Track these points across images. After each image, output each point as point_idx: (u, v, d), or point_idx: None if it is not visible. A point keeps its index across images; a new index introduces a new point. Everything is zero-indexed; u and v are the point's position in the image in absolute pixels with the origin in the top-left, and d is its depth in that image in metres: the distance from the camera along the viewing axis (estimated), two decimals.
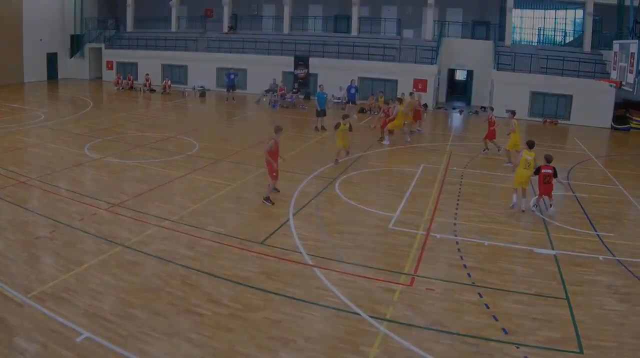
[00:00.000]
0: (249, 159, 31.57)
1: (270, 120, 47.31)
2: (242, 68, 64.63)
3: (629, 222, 25.25)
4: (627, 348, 14.21)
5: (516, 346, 14.09)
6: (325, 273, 17.84)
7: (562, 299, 16.85)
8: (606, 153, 41.83)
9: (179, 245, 19.61)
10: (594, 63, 53.89)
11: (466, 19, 66.18)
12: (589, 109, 52.24)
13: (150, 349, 13.19)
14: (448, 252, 20.24)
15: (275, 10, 71.17)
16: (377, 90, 56.99)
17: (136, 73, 68.55)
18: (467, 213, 24.71)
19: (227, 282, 16.89)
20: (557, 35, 68.86)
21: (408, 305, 16.05)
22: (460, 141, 41.80)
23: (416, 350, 13.69)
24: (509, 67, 55.49)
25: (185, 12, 75.17)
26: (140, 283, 16.52)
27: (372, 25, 67.80)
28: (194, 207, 23.51)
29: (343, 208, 24.57)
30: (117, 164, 29.82)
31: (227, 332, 14.10)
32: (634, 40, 33.36)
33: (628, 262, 19.88)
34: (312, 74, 62.10)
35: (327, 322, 15.06)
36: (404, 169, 31.37)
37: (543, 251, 20.59)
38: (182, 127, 42.05)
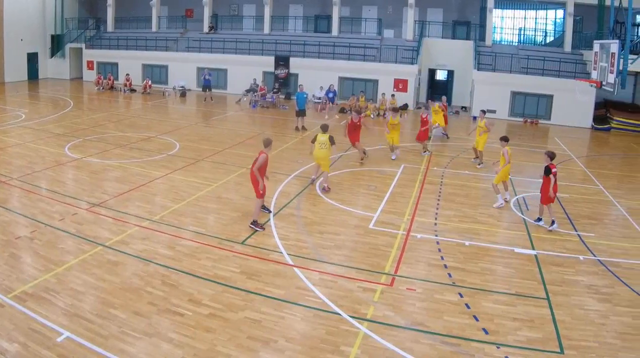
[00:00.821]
0: (229, 159, 31.55)
1: (250, 120, 47.55)
2: (223, 68, 64.91)
3: (609, 222, 25.33)
4: (608, 348, 14.28)
5: (497, 346, 14.17)
6: (306, 273, 17.88)
7: (542, 299, 16.93)
8: (587, 153, 41.96)
9: (159, 245, 19.60)
10: (575, 63, 54.17)
11: (447, 19, 66.26)
12: (569, 109, 52.41)
13: (130, 349, 13.17)
14: (429, 252, 20.27)
15: (256, 10, 71.15)
16: (358, 90, 57.05)
17: (117, 73, 68.37)
18: (447, 213, 24.79)
19: (207, 282, 16.91)
20: (538, 35, 69.13)
21: (389, 305, 16.10)
22: (440, 141, 41.83)
23: (397, 350, 13.74)
24: (489, 67, 55.69)
25: (166, 12, 75.06)
26: (121, 283, 16.50)
27: (352, 25, 67.87)
28: (175, 207, 23.52)
29: (324, 208, 24.60)
30: (98, 164, 29.72)
31: (208, 332, 14.11)
32: (614, 40, 33.45)
33: (608, 261, 19.99)
34: (293, 74, 62.14)
35: (308, 322, 15.04)
36: (384, 169, 31.39)
37: (524, 251, 20.66)
38: (163, 127, 41.95)
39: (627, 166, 38.00)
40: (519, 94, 55.41)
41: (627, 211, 26.38)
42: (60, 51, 74.40)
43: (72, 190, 25.55)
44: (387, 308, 15.94)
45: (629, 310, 16.46)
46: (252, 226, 21.43)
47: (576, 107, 51.35)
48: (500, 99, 54.51)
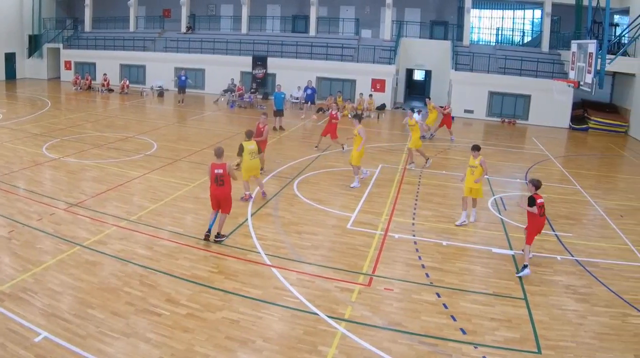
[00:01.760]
0: (207, 159, 31.15)
1: (228, 120, 47.49)
2: (200, 68, 64.70)
3: (587, 222, 25.45)
4: (585, 348, 14.34)
5: (474, 346, 14.21)
6: (284, 273, 17.86)
7: (520, 299, 17.00)
8: (564, 153, 42.12)
9: (137, 245, 19.53)
10: (552, 63, 54.40)
11: (424, 19, 66.45)
12: (547, 109, 52.62)
13: (108, 349, 13.12)
14: (406, 252, 20.30)
15: (234, 11, 71.02)
16: (336, 91, 57.04)
17: (94, 73, 67.93)
18: (425, 213, 24.85)
19: (185, 282, 16.88)
20: (516, 35, 69.50)
21: (366, 305, 16.11)
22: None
23: (374, 350, 13.76)
24: (467, 67, 55.87)
25: (144, 12, 74.79)
26: (99, 283, 16.42)
27: (330, 25, 68.01)
28: (153, 207, 23.43)
29: (301, 208, 24.59)
30: (76, 164, 29.57)
31: (186, 332, 14.08)
32: (592, 40, 33.60)
33: (586, 262, 20.08)
34: (271, 74, 62.08)
35: (286, 322, 15.03)
36: (362, 169, 31.33)
37: (501, 251, 20.73)
38: (141, 127, 41.81)
39: (604, 166, 38.20)
40: (497, 94, 55.61)
41: (604, 211, 26.49)
42: (37, 51, 73.92)
43: (50, 190, 25.43)
44: (365, 308, 15.95)
45: (606, 310, 16.55)
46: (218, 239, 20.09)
47: (554, 107, 51.58)
48: (478, 99, 54.69)
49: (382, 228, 22.44)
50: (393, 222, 23.33)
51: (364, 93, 55.02)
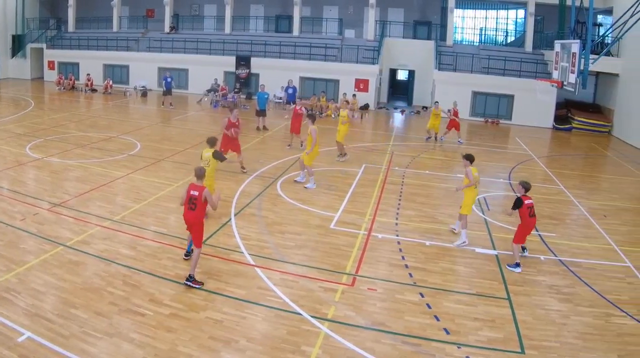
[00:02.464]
0: (190, 159, 31.34)
1: (211, 120, 47.39)
2: (184, 68, 64.66)
3: (570, 222, 25.56)
4: (569, 348, 14.42)
5: (458, 346, 14.26)
6: (267, 273, 17.87)
7: (503, 299, 17.09)
8: (548, 153, 42.25)
9: (120, 245, 19.49)
10: (536, 63, 54.65)
11: (408, 19, 66.76)
12: (530, 108, 52.82)
13: (91, 349, 13.10)
14: (390, 252, 20.33)
15: (217, 10, 71.20)
16: (319, 90, 57.01)
17: (78, 73, 67.65)
18: (408, 213, 24.90)
19: (168, 282, 16.87)
20: (499, 35, 69.79)
21: (350, 305, 16.14)
22: (401, 141, 41.98)
23: (358, 350, 13.79)
24: (450, 67, 56.16)
25: (127, 12, 74.71)
26: (82, 283, 16.38)
27: (313, 25, 68.25)
28: (136, 207, 23.38)
29: (285, 208, 24.61)
30: (59, 164, 29.46)
31: (169, 332, 14.06)
32: (575, 40, 33.67)
33: (570, 262, 20.16)
34: (254, 74, 62.23)
35: (269, 322, 15.04)
36: (345, 168, 31.41)
37: (485, 251, 20.80)
38: (124, 127, 41.68)
39: (588, 166, 38.39)
40: (480, 94, 55.90)
41: (588, 211, 26.60)
42: (21, 51, 73.64)
43: (33, 190, 25.35)
44: (348, 308, 15.98)
45: (590, 310, 16.64)
46: (189, 283, 16.75)
47: (537, 107, 51.80)
48: (461, 99, 54.38)
49: (365, 228, 22.49)
50: (376, 222, 23.37)
51: (347, 93, 54.93)
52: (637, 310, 16.75)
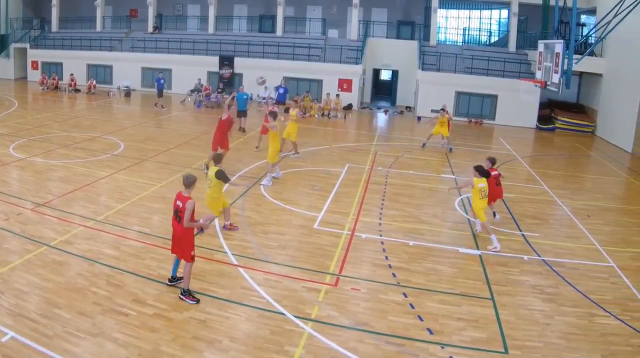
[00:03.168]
0: (174, 159, 31.40)
1: (195, 120, 47.51)
2: (167, 68, 64.38)
3: (554, 222, 25.59)
4: (552, 348, 14.45)
5: (441, 346, 14.25)
6: (251, 273, 17.84)
7: (487, 299, 17.11)
8: (531, 153, 42.34)
9: (104, 245, 19.40)
10: (519, 63, 54.86)
11: (391, 19, 66.98)
12: (514, 108, 52.98)
13: (75, 349, 13.04)
14: (373, 252, 20.32)
15: (200, 10, 71.21)
16: (303, 90, 57.03)
17: (61, 73, 67.41)
18: (392, 213, 24.91)
19: (152, 282, 16.82)
20: (482, 35, 69.91)
21: (333, 305, 16.13)
22: (385, 141, 42.03)
23: (341, 350, 13.79)
24: (434, 67, 56.28)
25: (110, 12, 74.55)
26: (66, 283, 16.31)
27: (297, 25, 68.32)
28: (119, 207, 23.28)
29: (268, 208, 24.57)
30: (43, 164, 29.34)
31: (152, 332, 14.02)
32: (558, 40, 33.71)
33: (553, 262, 20.20)
34: (237, 74, 62.23)
35: (252, 322, 15.01)
36: (328, 168, 31.45)
37: (468, 251, 20.81)
38: (107, 127, 41.54)
39: (571, 166, 38.49)
40: (464, 94, 56.02)
41: (571, 211, 26.68)
42: (4, 51, 73.29)
43: (17, 190, 25.23)
44: (332, 308, 15.97)
45: (573, 310, 16.67)
46: (183, 297, 15.98)
47: (521, 107, 51.98)
48: (445, 99, 54.45)
49: (349, 228, 22.48)
50: (360, 222, 23.37)
51: (331, 93, 55.03)
52: (620, 310, 16.79)
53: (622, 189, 33.23)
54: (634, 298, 17.75)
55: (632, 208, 28.50)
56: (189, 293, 15.99)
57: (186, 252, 16.07)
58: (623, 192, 32.84)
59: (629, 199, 30.90)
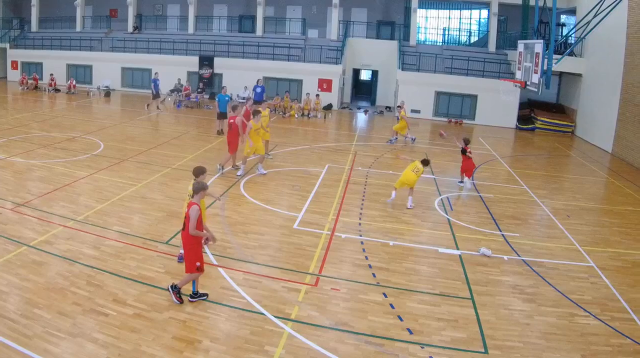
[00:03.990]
0: (153, 159, 31.33)
1: (174, 120, 47.27)
2: (147, 68, 64.20)
3: (534, 222, 25.68)
4: (532, 348, 14.50)
5: (421, 346, 14.27)
6: (231, 273, 17.81)
7: (467, 299, 17.14)
8: (511, 153, 42.44)
9: (84, 245, 19.28)
10: (499, 63, 55.04)
11: (371, 19, 67.07)
12: (494, 109, 53.18)
13: (55, 349, 12.98)
14: (353, 252, 20.32)
15: (180, 10, 71.06)
16: (283, 90, 56.90)
17: (41, 73, 67.14)
18: (372, 213, 24.91)
19: (132, 282, 16.72)
20: (462, 35, 70.04)
21: (313, 305, 16.14)
22: (365, 141, 42.02)
23: (321, 350, 13.79)
24: (413, 67, 56.40)
25: (90, 12, 74.25)
26: (45, 283, 16.21)
27: (277, 25, 68.30)
28: (99, 207, 23.15)
29: (248, 208, 24.53)
30: (22, 164, 29.17)
31: (133, 332, 13.96)
32: (538, 40, 33.79)
33: (533, 262, 20.28)
34: (217, 74, 62.23)
35: (233, 322, 14.99)
36: (308, 168, 31.48)
37: (448, 251, 20.85)
38: (87, 127, 41.34)
39: (551, 166, 38.60)
40: (443, 94, 56.28)
41: (551, 211, 26.80)
42: None
43: None
44: (312, 308, 15.98)
45: (553, 310, 16.73)
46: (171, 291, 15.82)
47: (500, 107, 52.17)
48: (425, 99, 55.16)
49: (329, 228, 22.46)
50: (340, 221, 23.38)
51: (311, 93, 55.06)
52: (600, 310, 16.88)
53: (601, 189, 33.38)
54: (614, 298, 17.84)
55: (611, 209, 28.64)
56: (178, 291, 15.75)
57: (192, 262, 15.45)
58: (603, 192, 32.99)
59: (608, 199, 31.01)
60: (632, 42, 40.68)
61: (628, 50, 41.30)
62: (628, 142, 40.87)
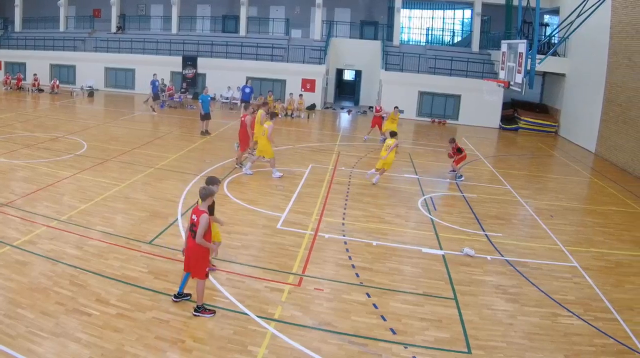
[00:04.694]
0: (137, 159, 31.27)
1: (158, 120, 47.12)
2: (131, 68, 64.44)
3: (517, 222, 25.75)
4: (515, 348, 14.55)
5: (404, 346, 14.29)
6: (214, 273, 17.74)
7: (450, 299, 17.18)
8: (494, 153, 42.54)
9: (67, 245, 19.22)
10: (483, 63, 55.20)
11: (354, 19, 67.26)
12: (477, 109, 53.35)
13: (38, 349, 12.94)
14: (336, 252, 20.35)
15: (164, 10, 71.03)
16: (266, 90, 56.68)
17: (25, 73, 66.83)
18: (355, 213, 24.94)
19: (115, 282, 16.67)
20: (446, 35, 70.32)
21: (296, 305, 16.14)
22: (348, 141, 42.03)
23: (304, 350, 13.80)
24: (397, 67, 56.52)
25: (74, 12, 74.01)
26: (29, 283, 16.16)
27: (260, 25, 68.35)
28: (83, 207, 23.08)
29: (231, 208, 24.48)
30: (6, 164, 29.02)
31: (116, 332, 13.93)
32: (522, 40, 33.85)
33: (516, 261, 20.34)
34: (201, 74, 62.20)
35: (216, 322, 14.95)
36: (292, 168, 31.50)
37: (431, 251, 20.89)
38: (71, 127, 41.22)
39: (534, 166, 38.72)
40: (427, 94, 56.46)
41: (534, 211, 26.89)
42: None
43: None
44: (295, 308, 15.98)
45: (536, 310, 16.79)
46: (199, 314, 15.31)
47: (484, 107, 52.39)
48: (408, 99, 55.24)
49: (312, 228, 22.45)
50: (323, 221, 23.39)
51: (294, 93, 55.12)
52: (583, 310, 16.95)
53: (585, 189, 33.51)
54: (597, 298, 17.91)
55: (595, 208, 28.76)
56: (204, 309, 15.45)
57: (201, 269, 15.27)
58: (586, 192, 33.12)
59: (592, 199, 31.14)
60: (615, 42, 40.84)
61: (611, 50, 41.46)
62: (611, 142, 41.03)
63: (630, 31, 38.63)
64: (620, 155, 39.33)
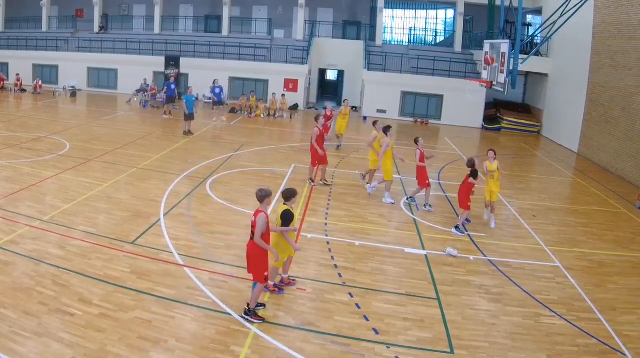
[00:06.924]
0: (119, 159, 31.21)
1: (141, 120, 47.11)
2: (113, 68, 64.17)
3: (500, 222, 25.65)
4: (498, 348, 14.60)
5: (387, 346, 14.34)
6: (197, 273, 17.81)
7: (433, 299, 17.23)
8: (477, 153, 42.44)
9: (50, 245, 19.17)
10: (465, 63, 55.35)
11: (337, 19, 67.30)
12: (460, 109, 53.48)
13: (20, 349, 12.92)
14: (319, 252, 20.39)
15: (146, 10, 70.73)
16: (249, 90, 56.69)
17: (7, 73, 66.53)
18: (338, 213, 24.97)
19: (98, 282, 16.63)
20: (428, 35, 70.45)
21: (279, 305, 16.17)
22: (331, 141, 41.95)
23: (287, 350, 13.82)
24: (380, 67, 56.67)
25: (56, 12, 73.66)
26: (11, 283, 16.12)
27: (243, 25, 68.31)
28: (65, 207, 23.02)
29: (214, 208, 24.50)
30: None
31: (98, 332, 13.89)
32: (504, 40, 33.94)
33: (499, 262, 20.43)
34: (183, 74, 61.96)
35: (198, 322, 14.97)
36: (274, 168, 31.54)
37: (414, 251, 20.95)
38: (53, 127, 41.09)
39: (517, 166, 38.80)
40: (410, 94, 56.57)
41: (517, 211, 27.01)
42: None
43: None
44: (278, 308, 16.01)
45: (519, 310, 16.85)
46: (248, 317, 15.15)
47: (466, 107, 52.61)
48: (391, 99, 55.41)
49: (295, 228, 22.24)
50: (306, 222, 23.43)
51: (277, 93, 55.03)
52: (566, 310, 17.04)
53: (567, 189, 33.65)
54: (580, 298, 18.01)
55: (577, 208, 28.88)
56: (254, 313, 15.28)
57: (260, 272, 15.12)
58: (569, 192, 33.26)
59: (574, 199, 31.27)
60: (598, 42, 40.99)
61: (594, 50, 41.61)
62: (594, 142, 41.18)
63: (612, 31, 38.78)
64: (603, 155, 39.48)
